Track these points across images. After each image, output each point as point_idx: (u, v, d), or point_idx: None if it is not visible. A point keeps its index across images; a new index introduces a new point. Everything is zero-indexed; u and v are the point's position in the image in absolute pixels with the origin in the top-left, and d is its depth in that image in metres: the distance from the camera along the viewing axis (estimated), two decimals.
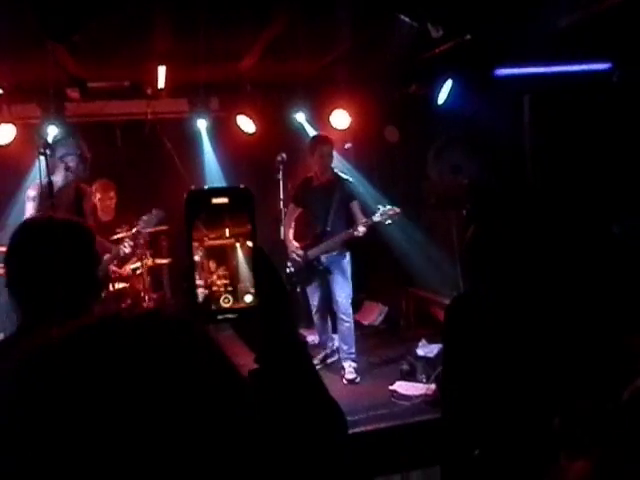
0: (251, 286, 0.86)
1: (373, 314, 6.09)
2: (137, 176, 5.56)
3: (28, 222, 1.54)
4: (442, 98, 5.23)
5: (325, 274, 4.59)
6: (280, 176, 4.74)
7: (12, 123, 5.15)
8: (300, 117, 5.83)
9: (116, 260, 4.47)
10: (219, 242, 0.85)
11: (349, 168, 5.78)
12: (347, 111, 5.66)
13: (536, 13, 4.02)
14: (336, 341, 4.86)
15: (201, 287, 0.84)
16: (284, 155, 4.77)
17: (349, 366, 4.54)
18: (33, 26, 3.46)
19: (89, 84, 5.24)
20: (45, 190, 3.93)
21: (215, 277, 0.85)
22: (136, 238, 4.36)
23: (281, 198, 4.75)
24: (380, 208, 4.44)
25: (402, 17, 3.84)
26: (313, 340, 5.03)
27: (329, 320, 4.86)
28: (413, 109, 5.77)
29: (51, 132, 5.18)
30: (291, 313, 0.89)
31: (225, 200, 0.85)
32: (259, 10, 3.89)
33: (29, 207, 4.00)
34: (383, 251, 5.76)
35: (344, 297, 4.58)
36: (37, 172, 4.93)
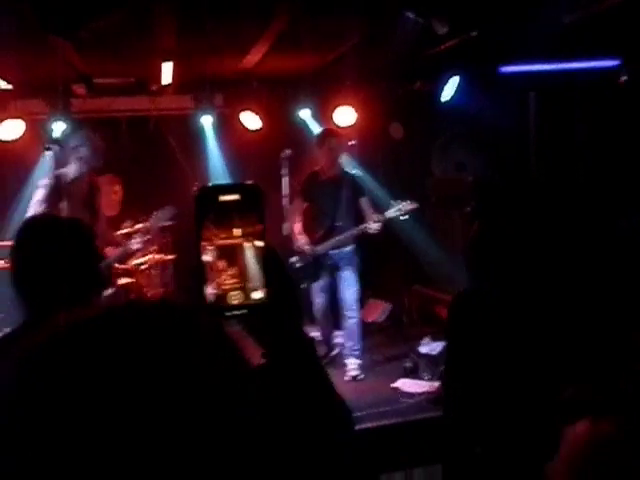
0: (260, 284, 0.85)
1: (377, 311, 6.09)
2: (141, 172, 5.58)
3: (31, 220, 1.58)
4: (447, 95, 5.21)
5: (333, 270, 4.54)
6: (284, 172, 4.73)
7: (21, 118, 5.16)
8: (305, 113, 5.83)
9: (125, 255, 4.47)
10: (229, 241, 0.84)
11: (353, 164, 5.77)
12: (352, 108, 5.65)
13: (541, 10, 4.00)
14: (339, 338, 4.86)
15: (210, 286, 0.84)
16: (289, 151, 4.75)
17: (353, 363, 4.53)
18: (38, 22, 3.47)
19: (95, 80, 5.24)
20: (56, 182, 3.95)
21: (224, 276, 0.85)
22: (147, 234, 4.36)
23: (285, 194, 4.73)
24: (393, 203, 4.39)
25: (407, 13, 3.83)
26: (317, 336, 5.03)
27: (331, 316, 4.85)
28: (417, 106, 5.76)
29: (57, 128, 5.20)
30: (299, 311, 0.90)
31: (236, 197, 0.84)
32: (264, 5, 3.89)
33: (38, 195, 3.99)
34: (387, 248, 5.75)
35: (351, 293, 4.55)
36: (43, 167, 4.96)
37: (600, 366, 1.85)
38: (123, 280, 4.69)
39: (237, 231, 0.85)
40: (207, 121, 5.76)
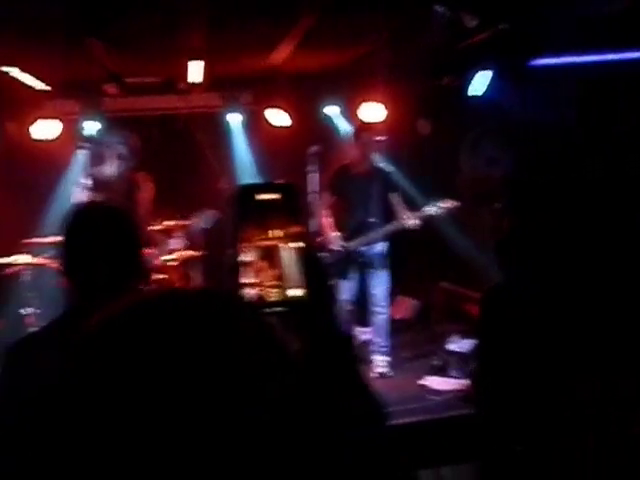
0: (298, 282, 0.85)
1: (405, 308, 6.05)
2: (170, 170, 5.64)
3: (78, 209, 1.61)
4: (478, 89, 5.13)
5: (364, 266, 4.50)
6: (311, 168, 4.71)
7: (58, 119, 5.27)
8: (332, 110, 5.82)
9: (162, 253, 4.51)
10: (267, 242, 0.84)
11: (383, 160, 5.74)
12: (380, 103, 5.61)
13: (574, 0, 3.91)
14: (365, 334, 4.84)
15: (248, 284, 0.84)
16: (317, 148, 4.73)
17: (381, 360, 4.50)
18: (70, 22, 3.54)
19: (126, 80, 5.32)
20: (95, 181, 4.05)
21: (263, 275, 0.85)
22: (187, 235, 4.42)
23: (312, 191, 4.70)
24: (432, 202, 4.36)
25: (437, 7, 3.79)
26: None
27: (356, 314, 4.82)
28: (446, 101, 5.69)
29: (90, 127, 5.32)
30: (336, 310, 0.91)
31: (275, 196, 0.84)
32: (292, 2, 3.89)
33: (78, 193, 4.10)
34: (415, 244, 5.71)
35: (382, 290, 4.51)
36: (77, 165, 5.07)
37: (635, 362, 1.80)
38: (155, 276, 4.75)
39: (276, 231, 0.85)
40: (235, 119, 5.80)
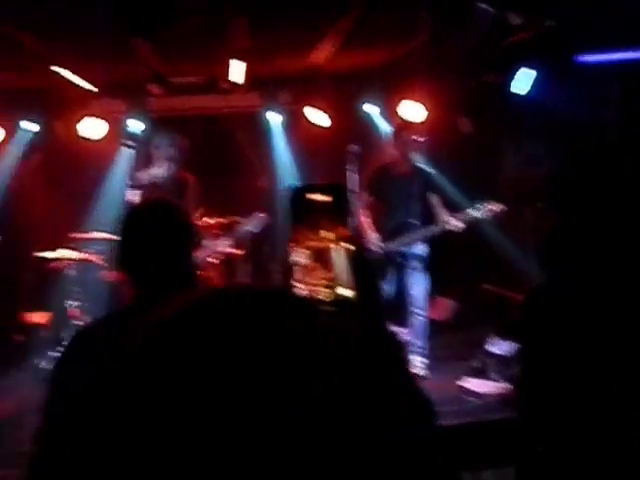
0: (348, 284, 0.86)
1: (443, 309, 5.98)
2: (212, 169, 5.73)
3: (136, 205, 1.68)
4: (521, 87, 5.04)
5: (402, 267, 4.47)
6: (351, 167, 4.70)
7: (104, 118, 5.42)
8: (372, 109, 5.80)
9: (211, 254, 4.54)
10: (319, 243, 0.86)
11: (424, 160, 5.69)
12: (420, 102, 5.56)
13: None
14: (403, 335, 4.80)
15: (300, 285, 0.86)
16: (356, 147, 4.70)
17: (419, 361, 4.47)
18: (119, 24, 3.64)
19: (170, 79, 5.44)
20: (147, 181, 4.14)
21: (313, 275, 0.86)
22: (235, 238, 4.45)
23: (351, 191, 4.68)
24: (476, 204, 4.31)
25: (481, 5, 3.73)
26: None
27: (392, 314, 4.78)
28: (489, 99, 5.60)
29: (135, 126, 5.45)
30: (383, 311, 0.92)
31: (327, 198, 0.85)
32: (334, 2, 3.90)
33: (130, 194, 4.19)
34: (453, 244, 5.64)
35: (421, 290, 4.47)
36: (122, 163, 5.20)
37: None
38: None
39: (327, 233, 0.86)
40: (275, 118, 5.84)
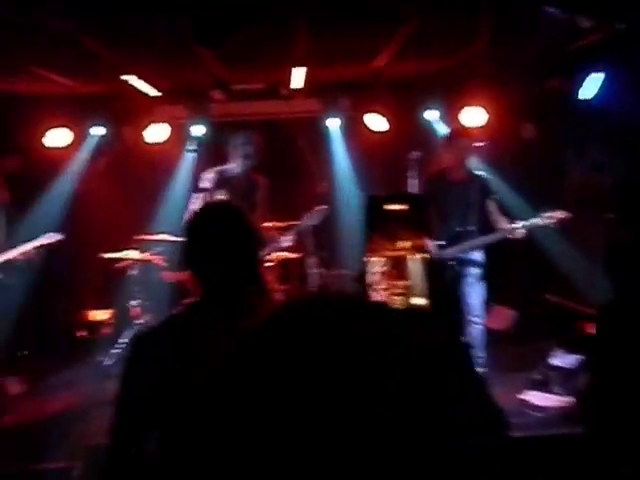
0: (422, 292, 0.88)
1: (502, 319, 5.85)
2: (272, 173, 5.82)
3: (202, 207, 1.75)
4: (589, 93, 4.88)
5: (459, 275, 4.42)
6: (412, 174, 4.67)
7: (167, 123, 5.63)
8: (432, 115, 5.75)
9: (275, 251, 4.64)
10: (396, 253, 0.87)
11: (481, 166, 5.60)
12: (482, 108, 5.48)
13: None
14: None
15: (374, 293, 0.88)
16: (418, 153, 4.66)
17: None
18: (186, 34, 3.77)
19: (232, 86, 5.58)
20: (220, 176, 4.28)
21: (390, 284, 0.88)
22: (298, 233, 4.55)
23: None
24: (540, 211, 4.24)
25: (548, 8, 3.64)
26: None
27: None
28: (552, 104, 5.45)
29: (197, 131, 5.63)
30: (459, 321, 0.93)
31: (403, 207, 0.87)
32: (393, 10, 3.90)
33: (203, 185, 4.34)
34: (514, 252, 5.51)
35: (477, 299, 4.41)
36: (185, 168, 5.36)
37: None
38: None
39: (403, 243, 0.88)
40: (334, 123, 5.88)
